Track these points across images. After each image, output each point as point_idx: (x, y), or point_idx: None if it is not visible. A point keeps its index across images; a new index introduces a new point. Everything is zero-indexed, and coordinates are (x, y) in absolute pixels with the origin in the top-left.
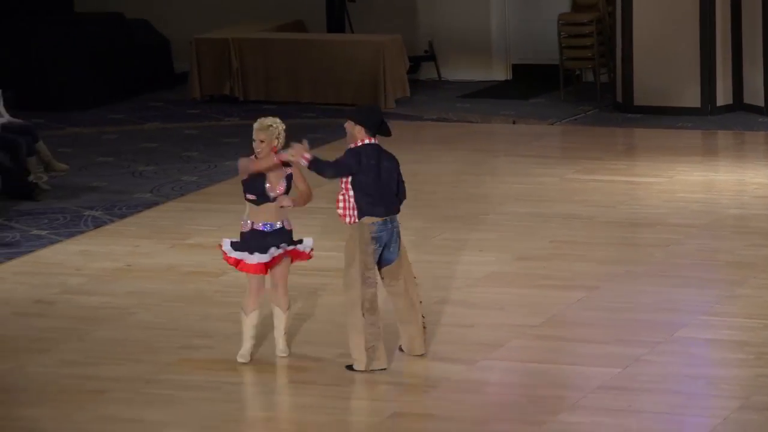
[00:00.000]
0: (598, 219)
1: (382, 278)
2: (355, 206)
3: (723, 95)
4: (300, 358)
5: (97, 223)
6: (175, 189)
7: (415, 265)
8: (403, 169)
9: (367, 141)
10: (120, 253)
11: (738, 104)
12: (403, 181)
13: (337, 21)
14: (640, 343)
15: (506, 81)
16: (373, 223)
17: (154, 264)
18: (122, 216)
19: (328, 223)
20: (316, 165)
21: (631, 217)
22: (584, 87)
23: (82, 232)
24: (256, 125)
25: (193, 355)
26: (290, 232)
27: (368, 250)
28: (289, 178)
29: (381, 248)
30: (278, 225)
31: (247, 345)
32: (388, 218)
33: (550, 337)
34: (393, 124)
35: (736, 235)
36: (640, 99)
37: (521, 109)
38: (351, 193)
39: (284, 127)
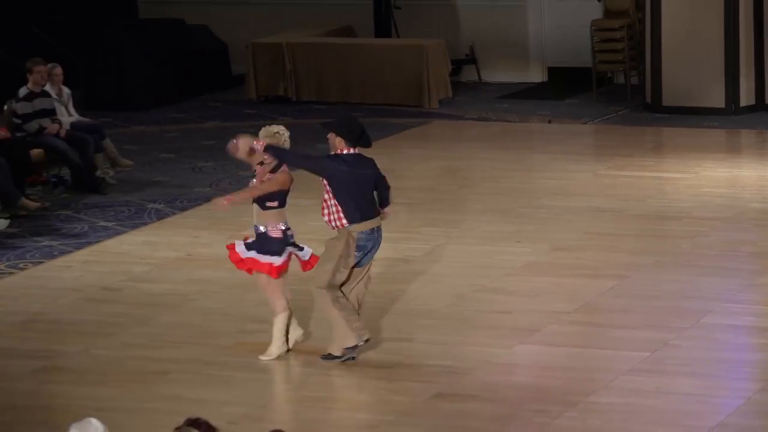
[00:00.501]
0: (628, 212)
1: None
2: (341, 214)
3: (746, 96)
4: None
5: (160, 216)
6: (233, 183)
7: (457, 255)
8: (444, 165)
9: (346, 151)
10: (181, 244)
11: (760, 105)
12: (388, 186)
13: (384, 26)
14: (668, 329)
15: (542, 83)
16: (361, 232)
17: (213, 253)
18: (183, 209)
19: None
20: (273, 150)
21: (660, 211)
22: (615, 88)
23: (145, 224)
24: (261, 132)
25: (248, 339)
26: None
27: (350, 256)
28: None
29: (362, 255)
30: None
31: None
32: (375, 228)
33: (583, 323)
34: (436, 123)
35: (757, 228)
36: (668, 100)
37: (556, 109)
38: (334, 201)
39: (289, 134)
